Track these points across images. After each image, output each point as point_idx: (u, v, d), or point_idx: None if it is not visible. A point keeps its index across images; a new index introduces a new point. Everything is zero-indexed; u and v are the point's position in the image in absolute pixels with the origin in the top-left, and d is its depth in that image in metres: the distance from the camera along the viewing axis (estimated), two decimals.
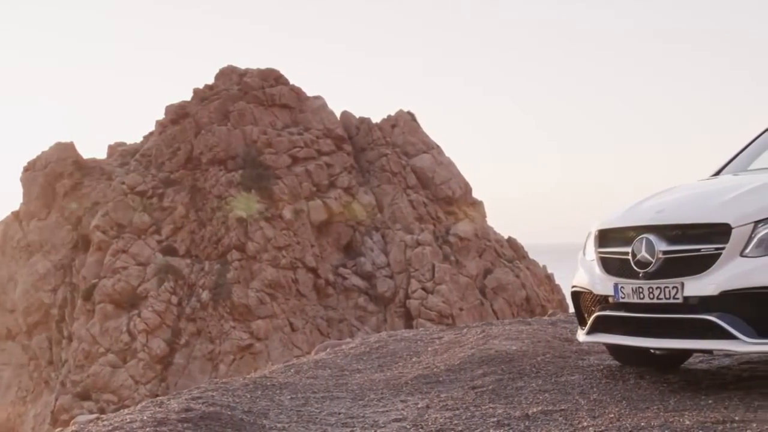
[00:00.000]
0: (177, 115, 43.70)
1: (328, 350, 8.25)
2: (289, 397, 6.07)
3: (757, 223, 5.31)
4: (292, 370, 7.14)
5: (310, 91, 45.00)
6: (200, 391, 6.11)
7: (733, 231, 5.31)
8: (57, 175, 44.05)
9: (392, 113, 45.64)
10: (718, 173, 7.00)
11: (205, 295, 38.65)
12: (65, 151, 44.71)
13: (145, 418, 5.06)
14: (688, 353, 6.49)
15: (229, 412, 5.33)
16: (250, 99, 43.02)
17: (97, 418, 5.59)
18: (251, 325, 37.90)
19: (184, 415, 5.11)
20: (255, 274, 38.94)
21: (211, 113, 42.63)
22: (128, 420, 5.08)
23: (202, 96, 43.91)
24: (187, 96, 44.50)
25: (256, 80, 43.75)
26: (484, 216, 44.52)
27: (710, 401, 5.28)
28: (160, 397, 5.91)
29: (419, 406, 5.64)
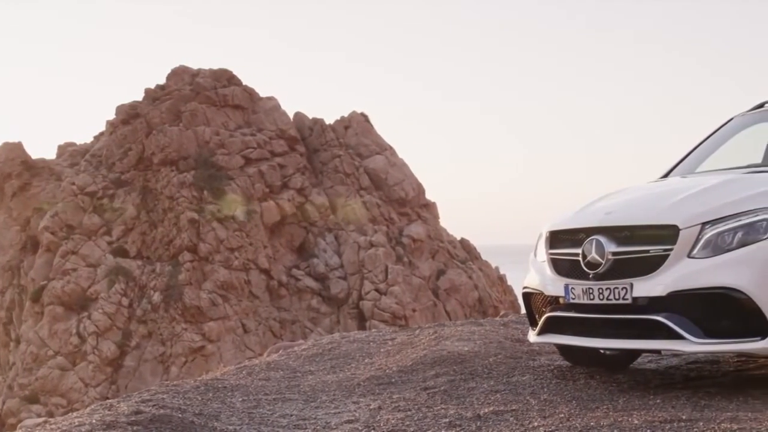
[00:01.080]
0: (128, 115, 43.28)
1: (280, 352, 8.22)
2: (240, 399, 6.04)
3: (704, 224, 5.39)
4: (244, 372, 7.10)
5: (263, 92, 44.86)
6: (150, 393, 6.05)
7: (681, 232, 5.38)
8: (5, 175, 43.41)
9: (345, 114, 45.63)
10: (666, 175, 7.09)
11: (156, 297, 38.32)
12: (13, 151, 44.06)
13: (94, 421, 5.00)
14: (637, 353, 6.57)
15: (180, 415, 5.28)
16: (202, 99, 42.73)
17: (45, 422, 5.52)
18: (203, 326, 37.65)
19: (133, 418, 5.06)
20: (207, 276, 38.68)
21: (162, 113, 42.28)
22: (77, 423, 5.02)
23: (153, 96, 43.52)
24: (139, 96, 44.13)
25: (208, 80, 43.48)
26: (437, 217, 44.68)
27: (658, 401, 5.35)
28: (110, 400, 5.85)
29: (371, 407, 5.65)
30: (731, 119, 7.39)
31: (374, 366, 7.08)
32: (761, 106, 7.28)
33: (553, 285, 5.98)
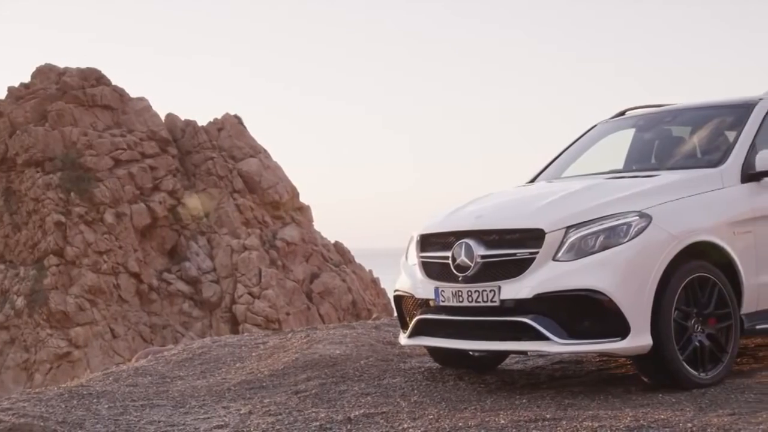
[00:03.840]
0: None
1: (149, 357, 8.06)
2: (106, 406, 5.90)
3: (568, 228, 5.55)
4: (110, 378, 6.94)
5: (133, 93, 43.90)
6: (10, 401, 5.85)
7: (547, 236, 5.53)
8: None
9: (218, 116, 45.11)
10: (533, 180, 7.27)
11: (19, 302, 37.04)
12: None
13: None
14: (505, 354, 6.71)
15: (42, 423, 5.12)
16: (69, 99, 41.52)
17: None
18: (70, 332, 36.58)
19: None
20: (74, 280, 37.61)
21: (27, 113, 40.90)
22: None
23: (17, 95, 42.07)
24: (1, 95, 42.58)
25: (75, 80, 42.28)
26: (311, 220, 44.61)
27: (524, 400, 5.48)
28: None
29: (242, 412, 5.60)
30: (594, 126, 7.64)
31: (245, 370, 7.02)
32: (622, 113, 7.55)
33: (424, 288, 6.05)
